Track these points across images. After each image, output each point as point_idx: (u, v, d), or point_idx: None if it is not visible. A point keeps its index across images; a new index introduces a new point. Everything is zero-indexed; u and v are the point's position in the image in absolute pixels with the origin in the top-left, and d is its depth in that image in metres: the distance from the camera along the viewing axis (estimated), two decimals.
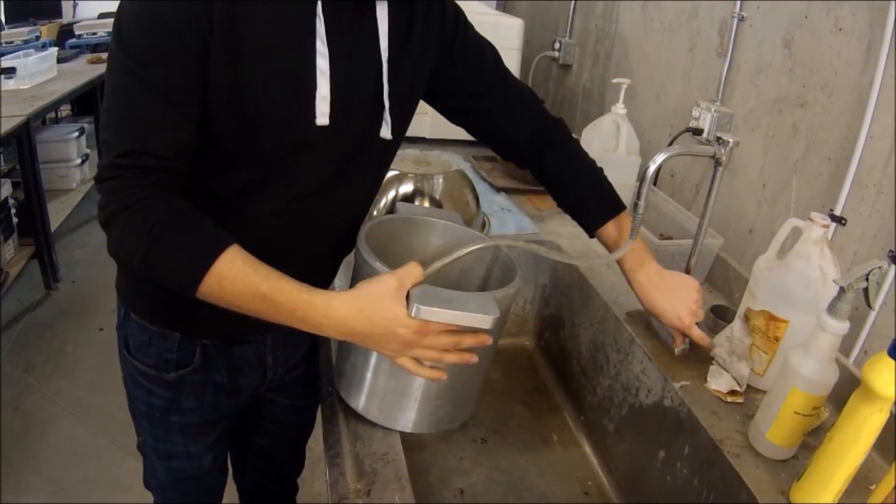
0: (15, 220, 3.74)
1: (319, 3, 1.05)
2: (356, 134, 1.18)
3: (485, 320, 1.00)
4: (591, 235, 1.42)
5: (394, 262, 1.05)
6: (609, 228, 1.38)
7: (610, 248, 1.39)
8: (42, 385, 3.28)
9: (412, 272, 1.01)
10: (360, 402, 1.19)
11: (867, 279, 1.01)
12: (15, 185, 3.76)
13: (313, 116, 1.09)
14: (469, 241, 1.16)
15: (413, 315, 0.98)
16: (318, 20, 1.05)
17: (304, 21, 1.05)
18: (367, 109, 1.18)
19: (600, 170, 1.44)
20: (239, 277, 0.98)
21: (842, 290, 1.03)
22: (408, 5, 1.19)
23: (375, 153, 1.26)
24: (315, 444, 1.57)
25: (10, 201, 3.68)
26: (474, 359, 1.07)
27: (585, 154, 1.46)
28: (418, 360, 1.06)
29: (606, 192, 1.42)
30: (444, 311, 0.98)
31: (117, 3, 1.01)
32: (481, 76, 1.38)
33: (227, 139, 1.07)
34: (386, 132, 1.21)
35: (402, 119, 1.26)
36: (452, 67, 1.32)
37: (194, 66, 0.99)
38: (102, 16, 5.44)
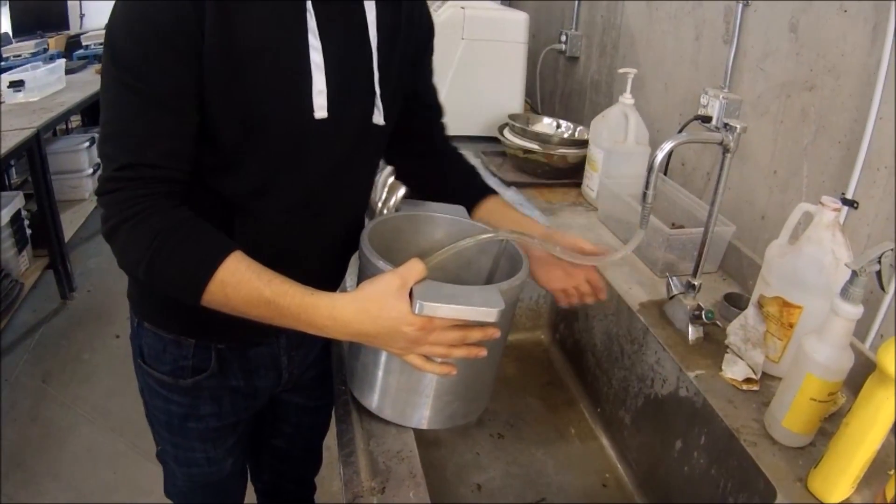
0: (28, 231, 3.76)
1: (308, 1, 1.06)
2: (353, 123, 1.19)
3: (489, 314, 0.98)
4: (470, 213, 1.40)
5: (399, 260, 1.04)
6: (488, 206, 1.40)
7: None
8: (60, 393, 3.30)
9: (414, 269, 1.00)
10: (374, 401, 1.19)
11: (879, 262, 1.00)
12: (27, 197, 3.78)
13: (311, 111, 1.10)
14: (473, 234, 1.17)
15: (417, 312, 0.97)
16: (308, 14, 1.06)
17: (294, 16, 1.06)
18: (361, 98, 1.19)
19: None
20: (242, 283, 0.99)
21: (854, 273, 1.02)
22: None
23: (372, 141, 1.27)
24: (334, 444, 1.58)
25: (23, 213, 3.70)
26: (483, 352, 1.07)
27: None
28: (426, 357, 1.05)
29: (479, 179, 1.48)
30: (448, 306, 0.97)
31: None
32: (424, 87, 1.43)
33: (228, 141, 1.08)
34: (379, 118, 1.22)
35: (393, 106, 1.26)
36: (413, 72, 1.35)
37: (187, 71, 1.00)
38: None
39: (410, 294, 0.99)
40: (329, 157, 1.19)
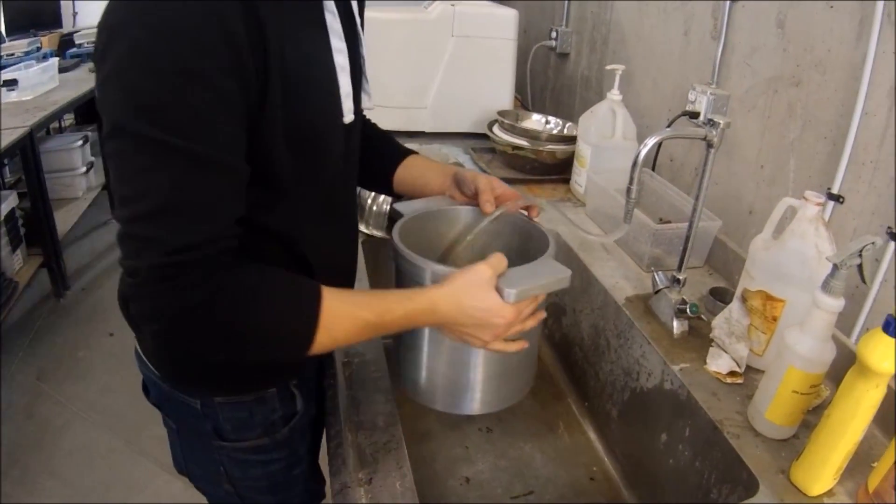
0: (22, 230, 3.77)
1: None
2: (359, 116, 1.17)
3: (565, 279, 1.07)
4: (391, 185, 1.42)
5: (429, 255, 1.12)
6: (407, 169, 1.41)
7: (413, 188, 1.41)
8: (55, 391, 3.31)
9: (502, 261, 1.03)
10: (423, 393, 1.24)
11: (861, 255, 1.01)
12: (21, 196, 3.78)
13: (342, 116, 1.06)
14: (476, 217, 1.27)
15: (508, 300, 1.01)
16: (331, 16, 1.01)
17: (318, 19, 1.00)
18: (360, 88, 1.17)
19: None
20: (345, 319, 0.97)
21: (835, 267, 1.03)
22: None
23: (361, 125, 1.25)
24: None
25: (17, 212, 3.71)
26: (544, 314, 1.14)
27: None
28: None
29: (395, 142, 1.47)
30: (536, 284, 1.05)
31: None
32: None
33: (284, 173, 0.99)
34: (368, 102, 1.21)
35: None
36: None
37: (242, 114, 0.87)
38: None
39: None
40: (351, 155, 1.18)
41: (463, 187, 1.30)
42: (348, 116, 1.06)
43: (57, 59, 4.54)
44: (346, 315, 0.96)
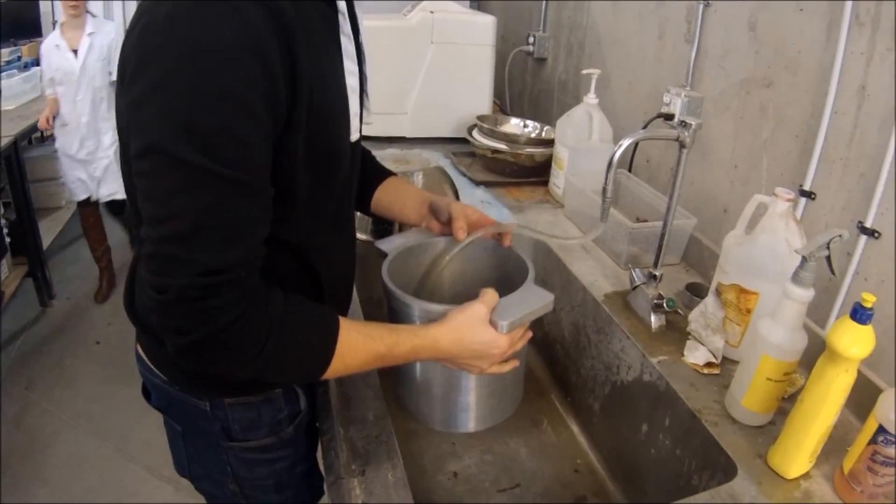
0: (7, 239, 3.76)
1: (348, 23, 1.04)
2: (361, 131, 1.19)
3: (550, 305, 1.15)
4: (369, 205, 1.45)
5: (414, 285, 1.24)
6: (386, 192, 1.44)
7: (391, 212, 1.45)
8: (43, 400, 3.32)
9: (493, 297, 1.10)
10: (423, 414, 1.31)
11: (829, 248, 1.05)
12: (6, 206, 3.79)
13: (349, 135, 1.09)
14: (451, 244, 1.32)
15: (502, 332, 1.09)
16: (346, 38, 1.04)
17: (333, 40, 1.02)
18: (363, 104, 1.20)
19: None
20: (358, 349, 1.02)
21: (804, 259, 1.07)
22: None
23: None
24: None
25: (2, 221, 3.71)
26: (530, 333, 1.20)
27: None
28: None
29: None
30: (525, 314, 1.12)
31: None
32: None
33: (301, 190, 1.00)
34: (367, 117, 1.24)
35: None
36: None
37: (268, 141, 0.88)
38: None
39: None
40: (354, 171, 1.20)
41: (438, 215, 1.35)
42: (354, 135, 1.11)
43: (38, 67, 4.54)
44: (359, 345, 1.01)
